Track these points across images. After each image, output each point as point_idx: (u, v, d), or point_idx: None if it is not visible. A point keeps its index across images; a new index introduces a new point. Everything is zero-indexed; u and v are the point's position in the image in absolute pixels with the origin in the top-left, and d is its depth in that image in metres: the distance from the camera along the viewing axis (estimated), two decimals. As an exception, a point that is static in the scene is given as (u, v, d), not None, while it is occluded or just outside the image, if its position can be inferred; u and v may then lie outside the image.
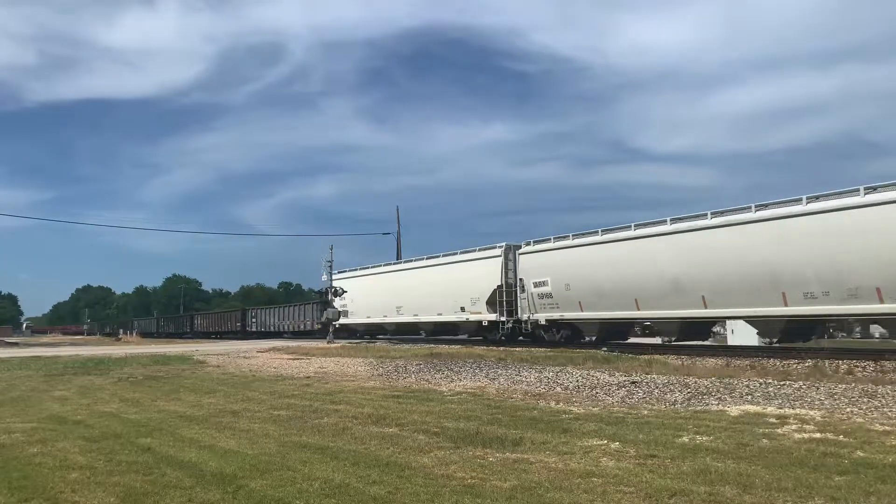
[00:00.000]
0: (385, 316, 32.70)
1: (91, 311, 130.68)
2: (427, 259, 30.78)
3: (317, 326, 39.37)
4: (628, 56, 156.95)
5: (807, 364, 14.38)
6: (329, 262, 37.23)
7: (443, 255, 29.59)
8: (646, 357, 17.07)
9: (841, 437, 6.78)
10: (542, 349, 20.25)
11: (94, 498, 5.29)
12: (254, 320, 52.73)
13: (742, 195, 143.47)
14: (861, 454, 5.98)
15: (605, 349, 19.75)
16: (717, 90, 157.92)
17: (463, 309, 26.97)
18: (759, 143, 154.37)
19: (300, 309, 45.65)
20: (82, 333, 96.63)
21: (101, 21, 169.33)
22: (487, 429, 7.71)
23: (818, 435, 6.89)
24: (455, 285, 27.42)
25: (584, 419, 8.33)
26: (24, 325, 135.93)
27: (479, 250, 26.86)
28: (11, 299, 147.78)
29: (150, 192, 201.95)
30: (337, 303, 34.87)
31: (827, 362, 14.17)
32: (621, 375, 12.88)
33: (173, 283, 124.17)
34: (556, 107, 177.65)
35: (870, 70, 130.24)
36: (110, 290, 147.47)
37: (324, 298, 37.99)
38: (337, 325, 35.07)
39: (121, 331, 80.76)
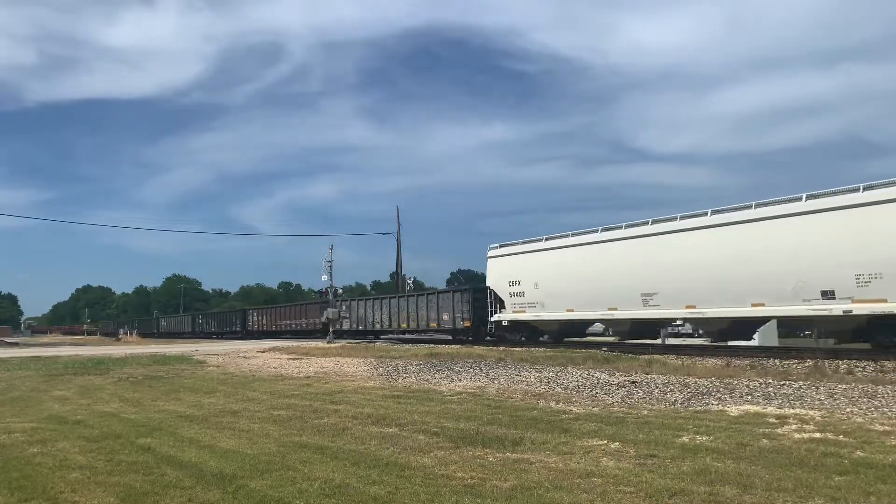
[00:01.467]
0: (612, 308, 21.07)
1: (91, 311, 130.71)
2: (713, 214, 18.40)
3: (463, 324, 28.51)
4: (628, 56, 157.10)
5: (807, 364, 14.39)
6: (329, 262, 37.30)
7: (757, 205, 17.49)
8: (646, 357, 17.08)
9: (841, 437, 6.79)
10: (543, 349, 20.22)
11: (94, 498, 5.29)
12: (346, 316, 39.12)
13: (743, 195, 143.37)
14: (861, 454, 5.98)
15: (604, 349, 19.59)
16: (717, 90, 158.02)
17: (829, 294, 15.65)
18: (760, 143, 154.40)
19: (431, 300, 31.55)
20: (82, 333, 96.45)
21: (101, 21, 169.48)
22: (487, 429, 7.71)
23: (818, 435, 6.89)
24: (799, 254, 16.21)
25: (584, 419, 8.33)
26: (25, 325, 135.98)
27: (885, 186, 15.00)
28: (11, 299, 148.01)
29: (150, 191, 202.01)
30: (503, 291, 25.34)
31: (827, 362, 14.18)
32: (621, 375, 12.89)
33: (173, 283, 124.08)
34: (556, 107, 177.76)
35: (870, 70, 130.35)
36: (110, 290, 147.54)
37: (474, 286, 29.87)
38: (504, 322, 25.39)
39: (120, 330, 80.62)
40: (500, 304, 25.72)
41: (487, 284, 26.45)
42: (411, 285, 49.64)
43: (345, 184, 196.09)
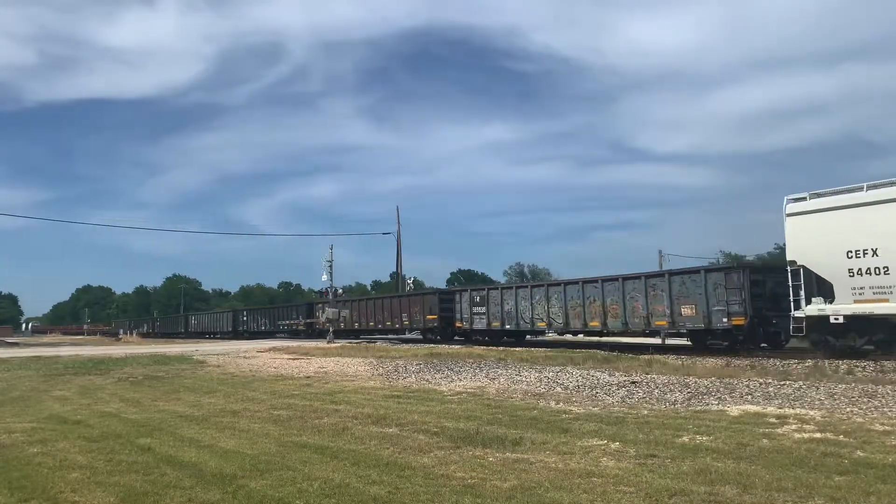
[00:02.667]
0: None
1: (91, 311, 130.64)
2: None
3: (730, 322, 18.68)
4: (628, 56, 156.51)
5: (807, 364, 14.39)
6: (329, 262, 37.30)
7: None
8: (646, 357, 17.08)
9: (841, 437, 6.79)
10: (542, 349, 20.23)
11: (94, 498, 5.29)
12: (480, 311, 27.81)
13: (743, 195, 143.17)
14: (861, 454, 5.98)
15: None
16: (717, 90, 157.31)
17: None
18: (760, 143, 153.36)
19: (656, 285, 20.81)
20: (84, 333, 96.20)
21: (101, 21, 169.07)
22: (487, 429, 7.71)
23: (818, 435, 6.90)
24: None
25: (584, 419, 8.33)
26: (28, 325, 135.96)
27: None
28: (11, 299, 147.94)
29: (150, 191, 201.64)
30: (832, 268, 15.66)
31: (827, 362, 14.18)
32: (621, 375, 12.89)
33: (173, 283, 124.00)
34: (556, 107, 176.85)
35: (870, 70, 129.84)
36: (110, 290, 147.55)
37: (745, 262, 19.15)
38: (836, 319, 15.55)
39: (120, 330, 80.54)
40: (823, 288, 16.12)
41: (790, 259, 16.66)
42: (411, 285, 49.67)
43: (345, 184, 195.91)
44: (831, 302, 15.73)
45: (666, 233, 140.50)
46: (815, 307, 15.91)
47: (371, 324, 35.84)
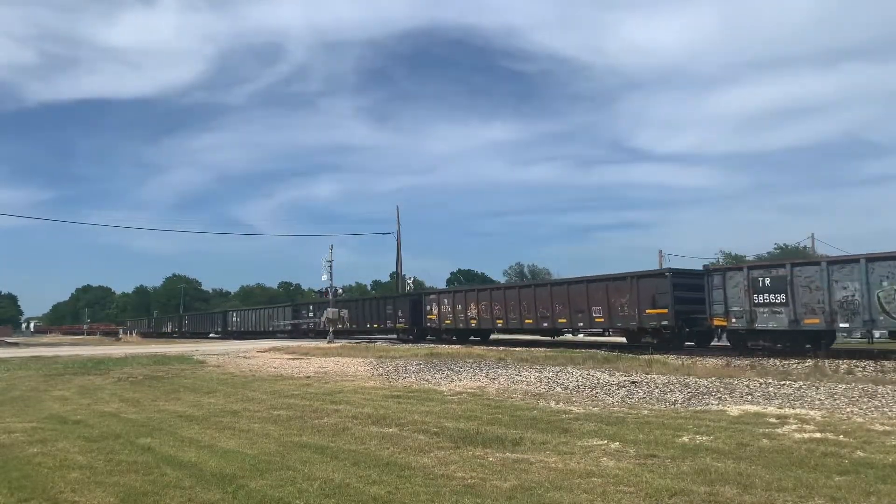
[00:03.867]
0: None
1: (91, 311, 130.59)
2: None
3: None
4: (628, 56, 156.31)
5: (807, 364, 14.40)
6: (329, 262, 37.27)
7: None
8: (646, 357, 17.08)
9: (841, 437, 6.79)
10: (542, 349, 20.24)
11: (94, 498, 5.29)
12: (774, 301, 17.41)
13: (743, 195, 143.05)
14: (861, 454, 5.98)
15: (604, 349, 19.57)
16: (717, 90, 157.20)
17: None
18: (760, 143, 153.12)
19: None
20: (82, 333, 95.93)
21: (101, 21, 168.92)
22: (487, 429, 7.71)
23: (818, 435, 6.90)
24: None
25: (584, 419, 8.34)
26: (30, 325, 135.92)
27: None
28: (11, 299, 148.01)
29: (151, 191, 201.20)
30: None
31: (827, 362, 14.19)
32: (621, 375, 12.90)
33: (173, 283, 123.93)
34: (556, 107, 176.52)
35: (870, 70, 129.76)
36: (110, 289, 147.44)
37: None
38: None
39: (120, 330, 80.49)
40: None
41: None
42: (411, 285, 49.64)
43: (345, 184, 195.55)
44: None
45: (666, 233, 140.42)
46: None
47: (528, 321, 25.82)
